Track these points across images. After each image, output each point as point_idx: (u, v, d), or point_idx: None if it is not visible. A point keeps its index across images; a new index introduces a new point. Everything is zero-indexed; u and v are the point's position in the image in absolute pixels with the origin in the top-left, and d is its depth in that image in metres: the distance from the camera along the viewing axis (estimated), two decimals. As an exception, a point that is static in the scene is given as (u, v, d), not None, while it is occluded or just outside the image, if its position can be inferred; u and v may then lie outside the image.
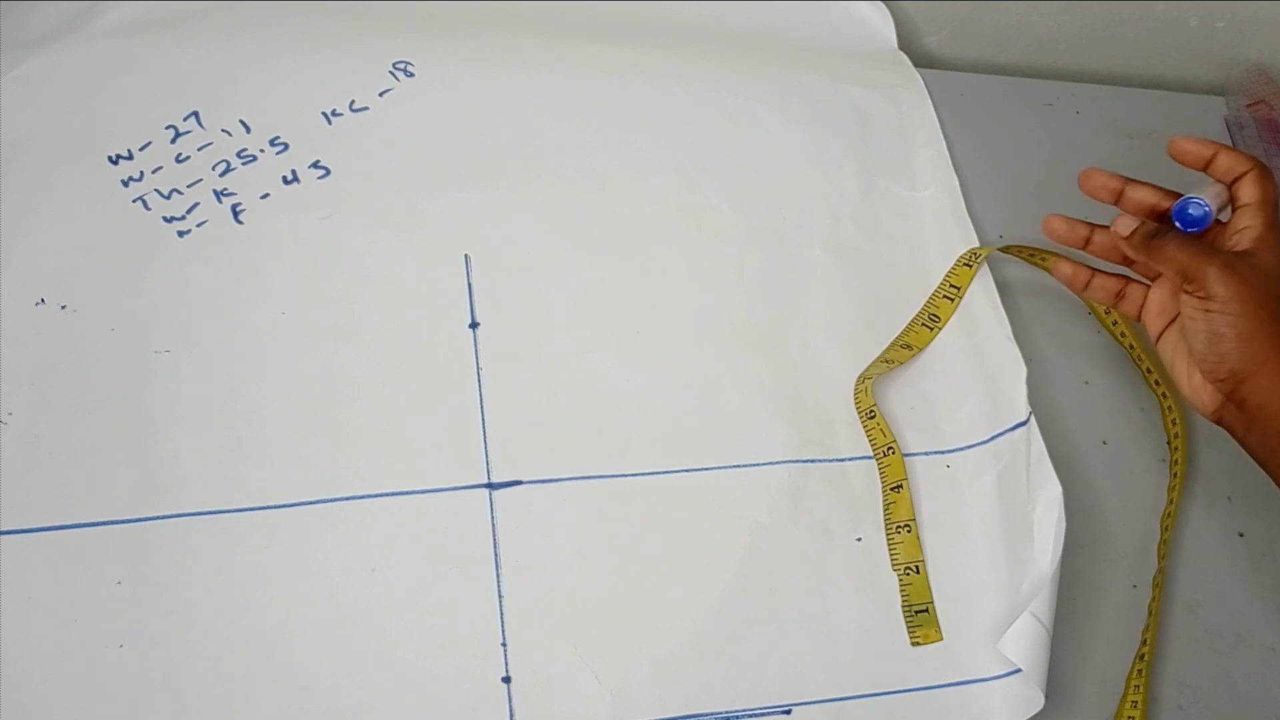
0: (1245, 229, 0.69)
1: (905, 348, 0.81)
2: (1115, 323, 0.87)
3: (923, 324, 0.83)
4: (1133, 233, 0.71)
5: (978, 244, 0.86)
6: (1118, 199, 0.74)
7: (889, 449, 0.78)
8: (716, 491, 0.75)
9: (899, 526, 0.76)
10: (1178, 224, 0.70)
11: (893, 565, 0.75)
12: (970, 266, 0.84)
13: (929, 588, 0.75)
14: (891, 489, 0.77)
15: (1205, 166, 0.71)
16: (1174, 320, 0.73)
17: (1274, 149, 0.99)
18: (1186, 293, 0.68)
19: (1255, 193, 0.69)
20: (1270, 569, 0.81)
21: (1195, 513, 0.82)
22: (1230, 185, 0.70)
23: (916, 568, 0.75)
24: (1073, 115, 0.99)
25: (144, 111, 0.81)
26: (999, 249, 0.85)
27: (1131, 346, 0.86)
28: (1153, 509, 0.79)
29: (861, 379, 0.80)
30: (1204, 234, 0.70)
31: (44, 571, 0.66)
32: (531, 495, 0.72)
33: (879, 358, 0.81)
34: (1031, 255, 0.85)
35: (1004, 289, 0.87)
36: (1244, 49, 1.05)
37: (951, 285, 0.84)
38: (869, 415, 0.79)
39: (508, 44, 0.88)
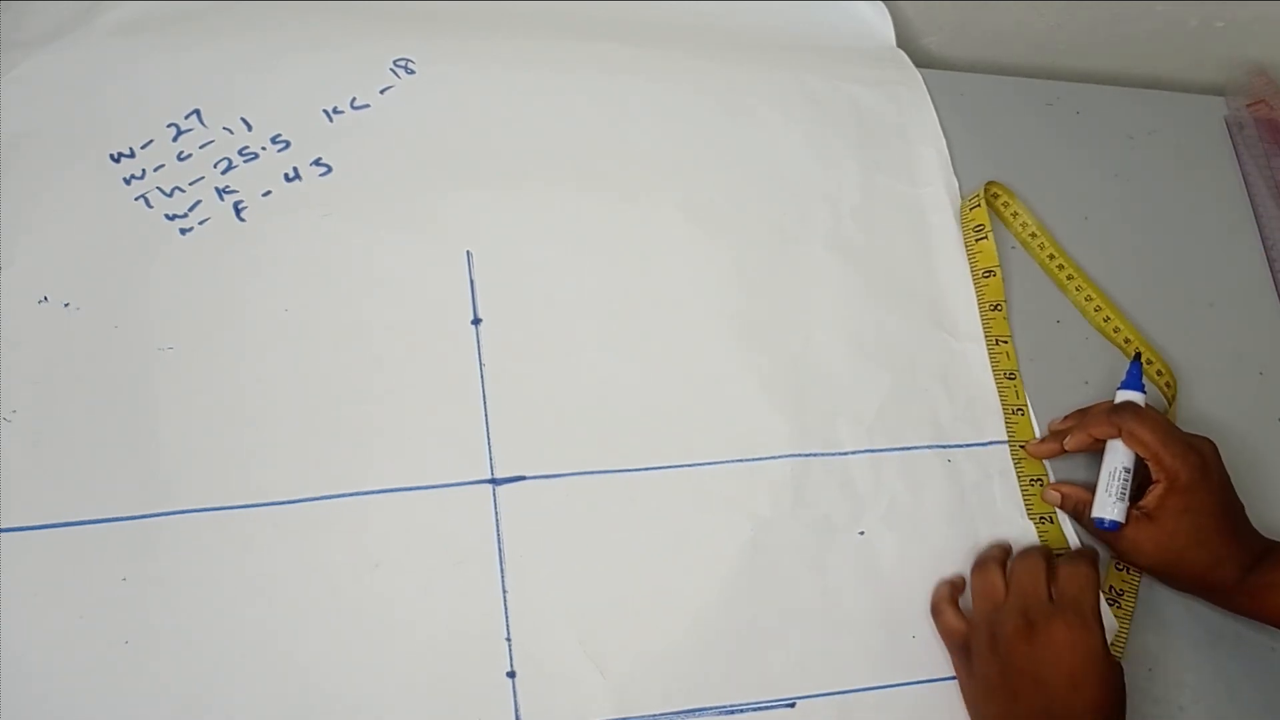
0: (1152, 486, 0.75)
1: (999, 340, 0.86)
2: (1107, 318, 0.87)
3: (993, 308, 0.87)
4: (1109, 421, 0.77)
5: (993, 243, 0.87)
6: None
7: (1018, 409, 0.83)
8: (719, 486, 0.75)
9: (1031, 480, 0.81)
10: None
11: (1029, 514, 0.79)
12: (986, 239, 0.87)
13: (1064, 535, 0.79)
14: (1020, 446, 0.81)
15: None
16: None
17: (1274, 149, 0.99)
18: (1164, 491, 0.74)
19: (1141, 450, 0.75)
20: (1271, 567, 0.81)
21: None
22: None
23: (1050, 518, 0.79)
24: (1073, 115, 0.99)
25: (145, 109, 0.81)
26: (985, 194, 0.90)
27: (1128, 340, 0.86)
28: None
29: (1000, 340, 0.85)
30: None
31: (48, 569, 0.66)
32: (535, 490, 0.73)
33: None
34: (1005, 205, 0.91)
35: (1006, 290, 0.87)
36: (1244, 49, 1.05)
37: (986, 271, 0.87)
38: (1008, 376, 0.83)
39: (509, 42, 0.88)
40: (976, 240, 0.87)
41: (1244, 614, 0.75)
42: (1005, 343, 0.84)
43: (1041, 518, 0.79)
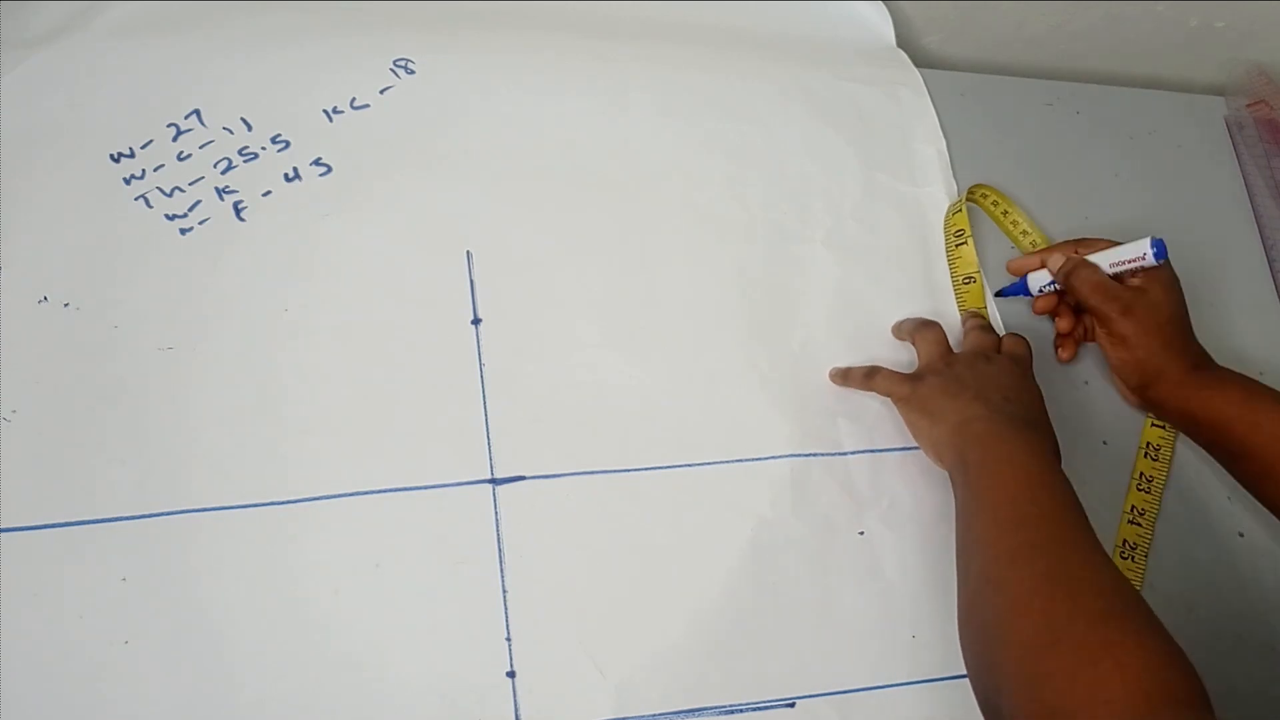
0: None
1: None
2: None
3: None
4: (1058, 270, 0.83)
5: (973, 244, 0.87)
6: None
7: None
8: (719, 486, 0.75)
9: None
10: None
11: None
12: (966, 244, 0.87)
13: None
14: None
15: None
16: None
17: (1274, 149, 0.99)
18: (1101, 329, 0.82)
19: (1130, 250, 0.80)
20: (1270, 568, 0.81)
21: (1194, 513, 0.83)
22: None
23: None
24: (1073, 115, 0.99)
25: (145, 109, 0.81)
26: (968, 199, 0.90)
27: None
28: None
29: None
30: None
31: (48, 568, 0.66)
32: (535, 490, 0.73)
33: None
34: (995, 205, 0.91)
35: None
36: (1244, 49, 1.06)
37: (966, 278, 0.87)
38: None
39: (508, 41, 0.88)
40: (956, 245, 0.87)
41: (1177, 412, 0.80)
42: None
43: None
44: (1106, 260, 0.80)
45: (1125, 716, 0.52)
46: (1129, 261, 0.79)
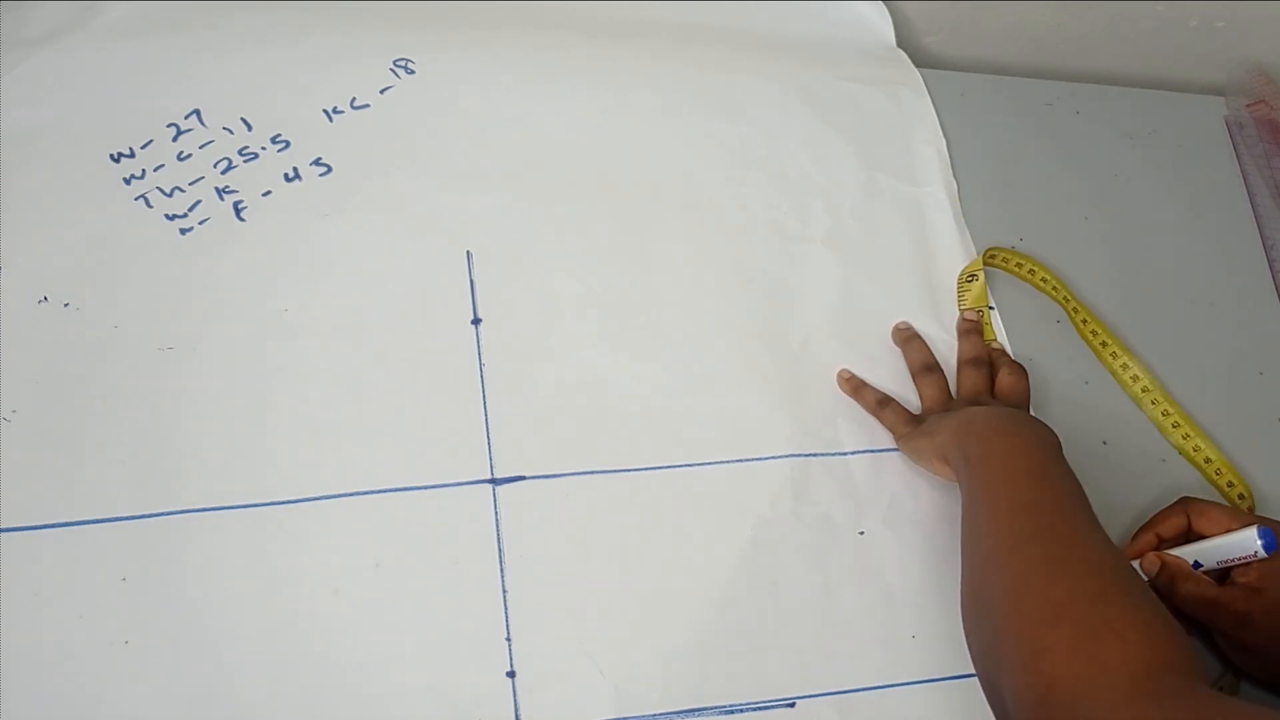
0: (1244, 567, 0.72)
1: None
2: (1085, 321, 0.87)
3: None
4: (1156, 577, 0.74)
5: (972, 245, 0.88)
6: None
7: None
8: (719, 486, 0.75)
9: None
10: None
11: None
12: (975, 280, 0.86)
13: None
14: None
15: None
16: None
17: (1274, 149, 0.99)
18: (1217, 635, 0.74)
19: (1218, 526, 0.74)
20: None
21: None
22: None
23: None
24: (1073, 115, 0.99)
25: (145, 109, 0.81)
26: (987, 261, 0.88)
27: (1105, 344, 0.86)
28: (1152, 508, 0.79)
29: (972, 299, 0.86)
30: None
31: (48, 568, 0.66)
32: (535, 490, 0.73)
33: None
34: (1019, 266, 0.88)
35: (1003, 287, 0.87)
36: (1244, 49, 1.05)
37: (969, 275, 0.87)
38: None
39: (508, 41, 0.88)
40: (967, 281, 0.87)
41: None
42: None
43: None
44: (1213, 557, 0.73)
45: (1123, 685, 0.52)
46: (1237, 559, 0.72)
